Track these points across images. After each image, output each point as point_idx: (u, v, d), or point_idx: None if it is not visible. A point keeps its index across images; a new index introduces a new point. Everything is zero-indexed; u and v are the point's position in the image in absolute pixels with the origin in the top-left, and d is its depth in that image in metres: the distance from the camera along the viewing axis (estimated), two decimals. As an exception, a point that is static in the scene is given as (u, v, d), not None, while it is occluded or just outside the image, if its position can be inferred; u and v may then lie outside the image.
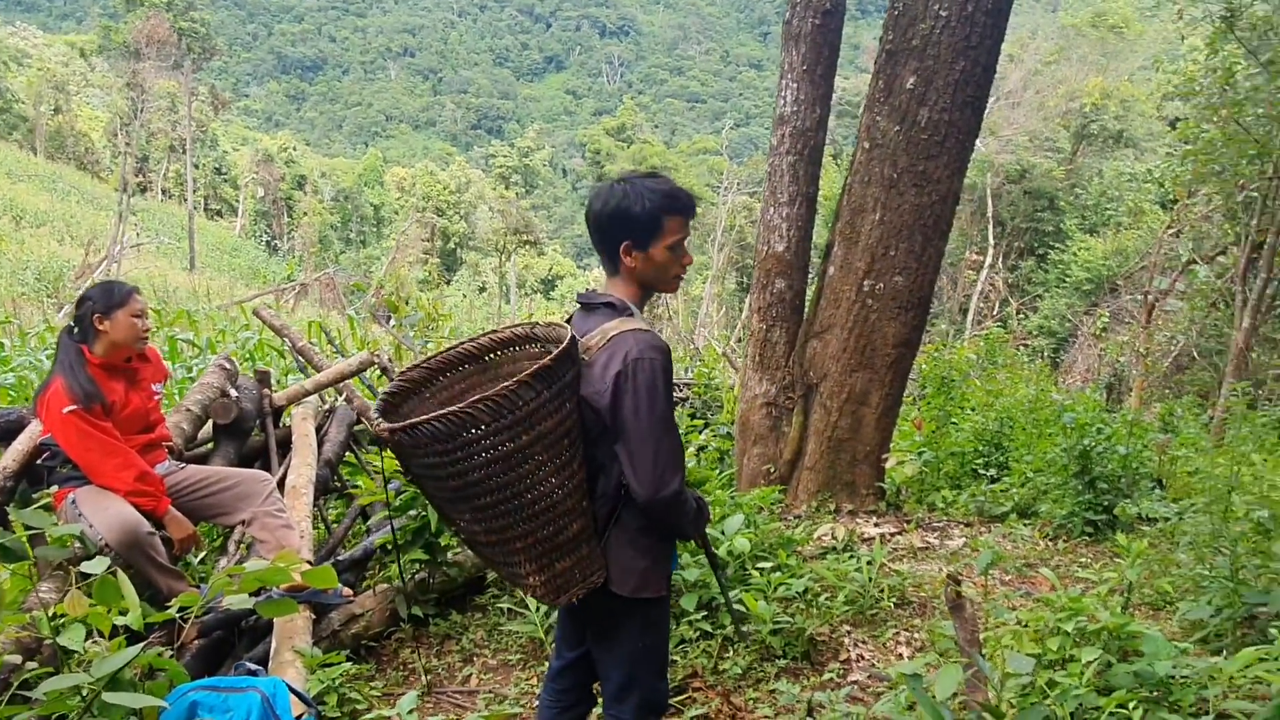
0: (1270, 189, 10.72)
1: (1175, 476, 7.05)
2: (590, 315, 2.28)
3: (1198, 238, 16.42)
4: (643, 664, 2.36)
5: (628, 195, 2.22)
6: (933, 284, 6.00)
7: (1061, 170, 26.90)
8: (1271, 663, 3.17)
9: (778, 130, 6.50)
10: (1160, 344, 16.20)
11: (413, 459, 2.08)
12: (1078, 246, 23.45)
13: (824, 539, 5.42)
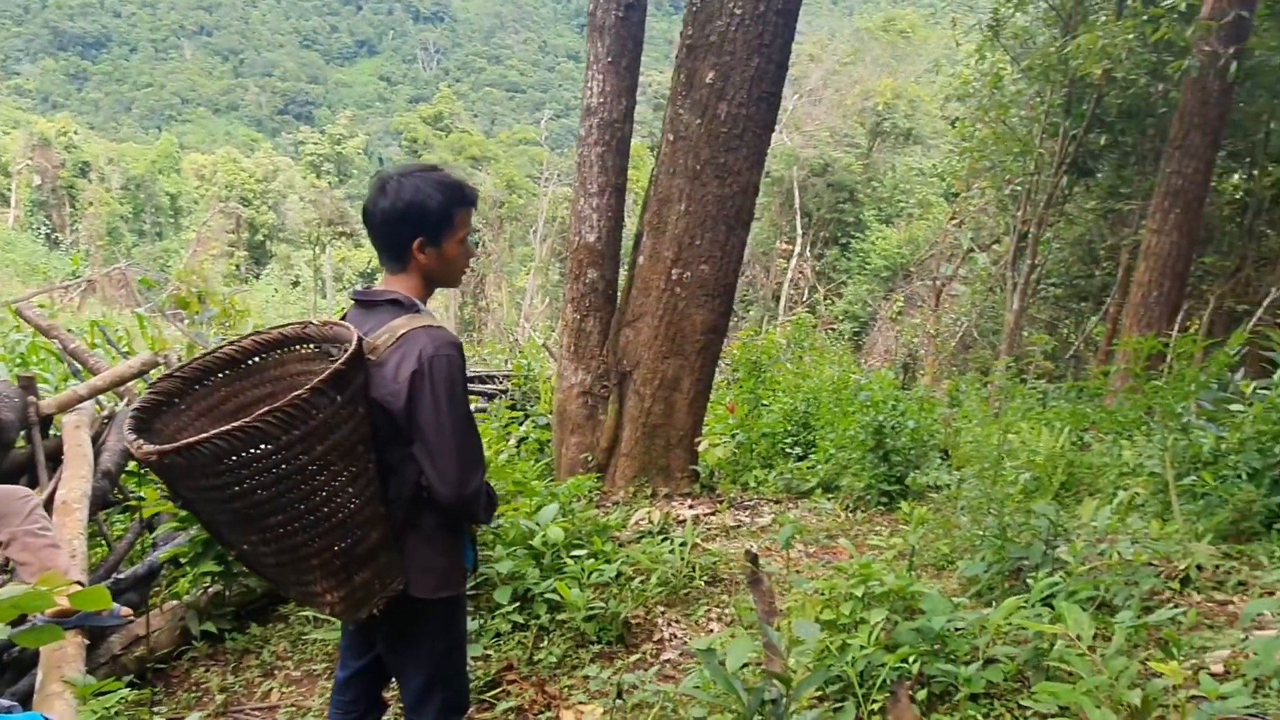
0: (1033, 184, 11.89)
1: (959, 447, 7.68)
2: (372, 313, 2.17)
3: (976, 228, 17.99)
4: (445, 664, 2.30)
5: (419, 190, 2.13)
6: (737, 272, 6.23)
7: (859, 164, 28.69)
8: (1029, 610, 3.52)
9: (586, 121, 6.53)
10: (948, 325, 17.64)
11: (185, 482, 1.88)
12: (876, 236, 25.13)
13: (640, 523, 5.52)
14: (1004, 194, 13.76)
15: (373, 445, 2.05)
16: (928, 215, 23.46)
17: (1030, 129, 11.92)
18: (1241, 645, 3.36)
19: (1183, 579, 4.14)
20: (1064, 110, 11.10)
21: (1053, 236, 13.53)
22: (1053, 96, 11.23)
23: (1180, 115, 9.29)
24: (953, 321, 17.89)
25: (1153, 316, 9.03)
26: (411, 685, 2.29)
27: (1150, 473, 5.55)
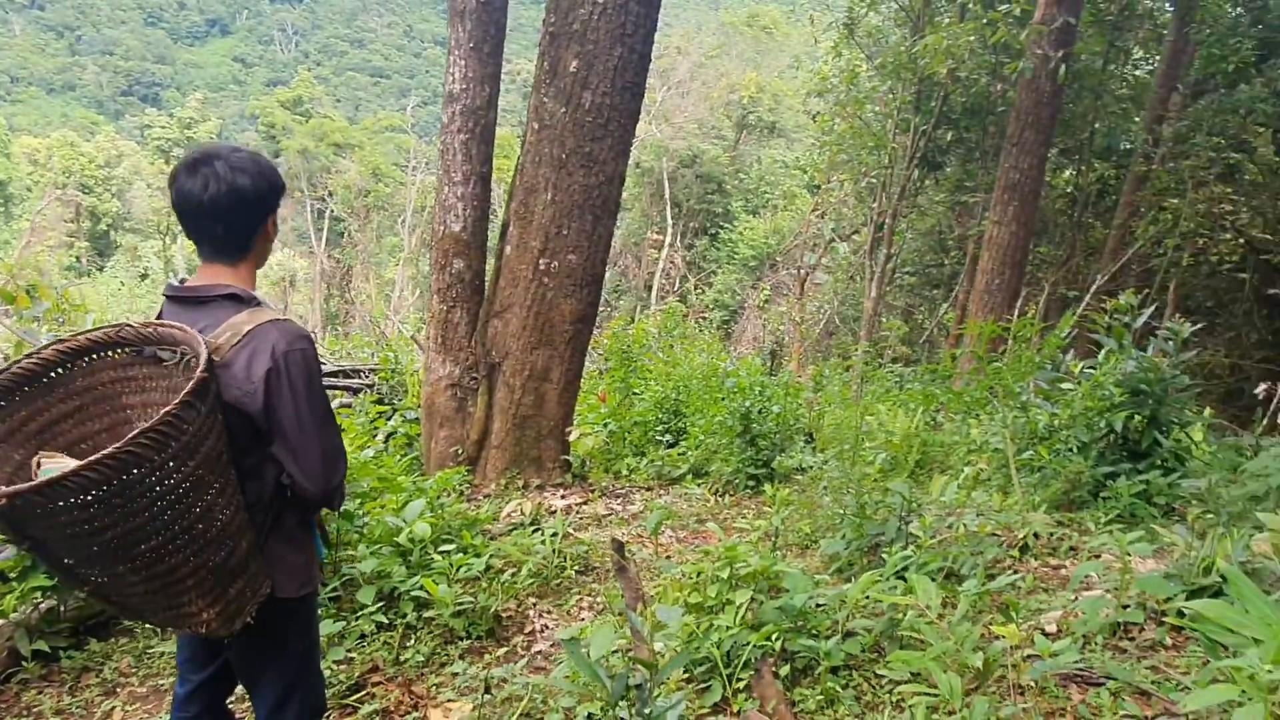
0: (887, 177, 12.45)
1: (822, 430, 7.96)
2: (202, 309, 2.01)
3: (837, 219, 18.69)
4: (306, 664, 2.23)
5: (259, 168, 2.01)
6: (605, 261, 6.25)
7: (727, 156, 29.30)
8: (884, 583, 3.69)
9: (448, 108, 6.38)
10: (812, 313, 18.27)
11: (39, 523, 1.66)
12: (743, 226, 25.74)
13: (512, 515, 5.47)
14: (861, 186, 14.36)
15: (230, 451, 1.93)
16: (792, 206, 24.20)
17: (884, 124, 12.48)
18: (1072, 605, 3.63)
19: (1022, 547, 4.44)
20: (914, 107, 11.66)
21: (906, 227, 14.22)
22: (904, 93, 11.78)
23: (1016, 114, 9.92)
24: (816, 309, 18.55)
25: (995, 302, 9.63)
26: (273, 690, 2.19)
27: (994, 449, 5.92)
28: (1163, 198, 10.25)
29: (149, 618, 2.01)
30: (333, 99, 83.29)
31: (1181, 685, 2.95)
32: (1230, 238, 10.08)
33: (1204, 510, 4.43)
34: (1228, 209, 9.67)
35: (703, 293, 26.83)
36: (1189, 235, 9.82)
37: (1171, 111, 10.77)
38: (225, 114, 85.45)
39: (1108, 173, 12.38)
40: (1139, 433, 5.20)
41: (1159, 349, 5.43)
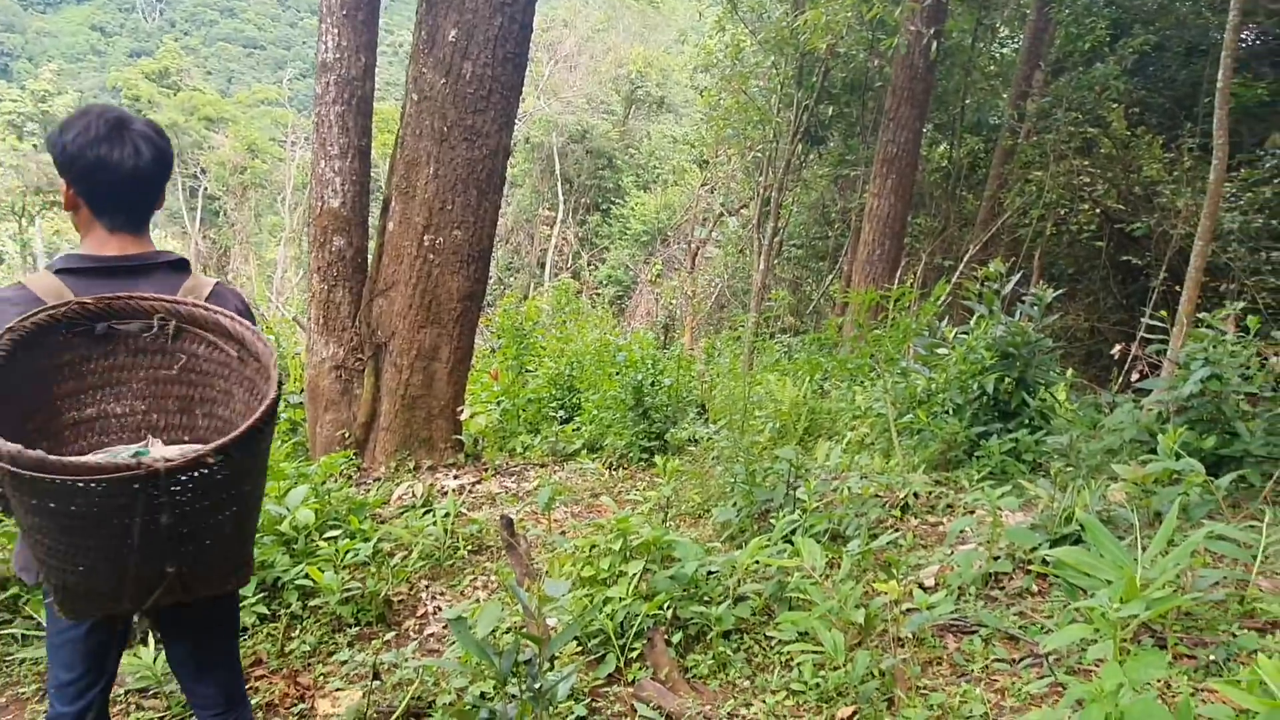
0: (772, 151, 12.65)
1: (714, 401, 8.09)
2: (146, 279, 1.90)
3: (726, 193, 18.92)
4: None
5: (161, 133, 1.96)
6: (492, 236, 6.13)
7: (616, 131, 29.20)
8: (772, 548, 3.79)
9: (322, 78, 6.11)
10: (703, 286, 18.47)
11: (208, 492, 1.60)
12: (635, 202, 25.77)
13: (403, 498, 5.35)
14: (748, 160, 14.56)
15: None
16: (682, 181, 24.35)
17: (768, 99, 12.66)
18: (948, 559, 3.81)
19: (903, 506, 4.63)
20: (796, 82, 11.87)
21: (792, 201, 14.51)
22: (786, 68, 11.97)
23: (893, 90, 10.23)
24: (708, 283, 18.77)
25: (876, 272, 9.96)
26: (232, 682, 2.15)
27: (877, 414, 6.14)
28: (1028, 170, 10.77)
29: (204, 587, 1.81)
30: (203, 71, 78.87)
31: (1046, 628, 3.14)
32: (1088, 208, 10.69)
33: (1066, 464, 4.72)
34: (1086, 181, 10.24)
35: (596, 269, 26.78)
36: (1051, 206, 10.37)
37: (1034, 88, 11.31)
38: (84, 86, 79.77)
39: (978, 147, 12.92)
40: (1009, 394, 5.48)
41: (1025, 314, 5.72)
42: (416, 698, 2.91)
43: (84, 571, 1.62)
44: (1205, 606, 3.11)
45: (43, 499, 1.49)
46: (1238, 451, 4.60)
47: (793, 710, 2.82)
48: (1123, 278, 10.72)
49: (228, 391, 1.89)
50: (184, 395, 1.88)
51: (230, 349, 1.85)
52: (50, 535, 1.56)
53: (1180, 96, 10.83)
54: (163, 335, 1.80)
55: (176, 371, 1.85)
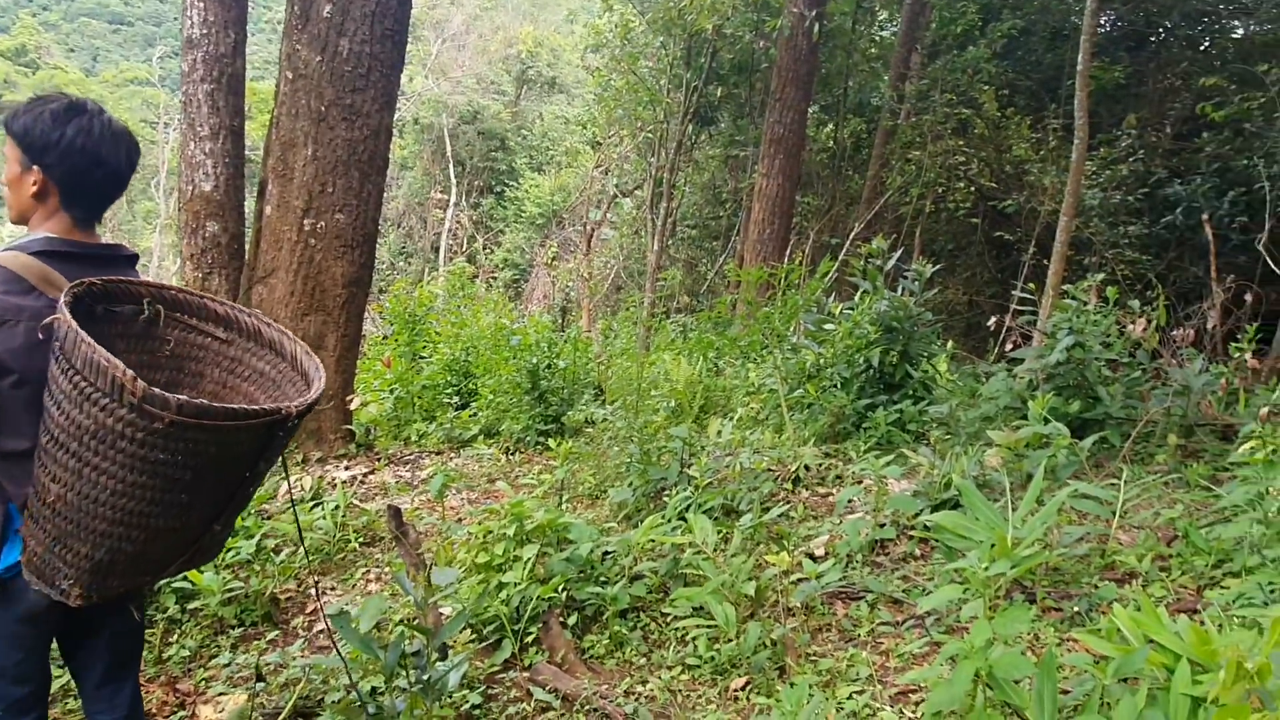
0: (664, 132, 12.70)
1: (610, 382, 8.10)
2: (113, 268, 1.92)
3: (620, 175, 18.90)
4: None
5: (132, 133, 2.01)
6: (376, 220, 5.96)
7: (508, 112, 28.74)
8: (666, 525, 3.82)
9: (189, 55, 5.80)
10: (599, 268, 18.45)
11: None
12: (529, 184, 25.45)
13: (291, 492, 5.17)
14: (640, 141, 14.56)
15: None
16: (575, 163, 24.19)
17: (658, 80, 12.68)
18: (836, 528, 3.93)
19: (794, 479, 4.75)
20: (685, 63, 11.93)
21: (685, 181, 14.61)
22: (674, 49, 12.01)
23: (778, 71, 10.40)
24: (603, 264, 18.75)
25: (766, 251, 10.14)
26: (138, 693, 2.12)
27: (769, 390, 6.27)
28: (908, 150, 11.14)
29: (213, 553, 2.00)
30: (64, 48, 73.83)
31: (927, 591, 3.27)
32: (964, 186, 11.14)
33: (946, 433, 4.93)
34: (961, 160, 10.66)
35: (492, 252, 26.39)
36: (930, 185, 10.76)
37: (912, 71, 11.69)
38: (-73, 63, 73.57)
39: (861, 128, 13.28)
40: (893, 366, 5.68)
41: (907, 289, 5.93)
42: (304, 697, 2.82)
43: (154, 532, 1.67)
44: (1070, 561, 3.30)
45: (175, 452, 1.57)
46: (1099, 414, 4.89)
47: (688, 684, 2.86)
48: (997, 253, 11.24)
49: (199, 374, 1.97)
50: (151, 380, 1.88)
51: (217, 332, 1.96)
52: (145, 496, 1.61)
53: (1046, 79, 11.38)
54: (150, 320, 1.88)
55: (160, 358, 1.92)
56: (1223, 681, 1.55)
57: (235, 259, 6.02)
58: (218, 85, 5.81)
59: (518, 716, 2.72)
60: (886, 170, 11.44)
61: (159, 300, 1.88)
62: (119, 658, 2.04)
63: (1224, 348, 6.75)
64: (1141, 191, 9.27)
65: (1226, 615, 2.63)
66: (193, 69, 5.81)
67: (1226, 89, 8.97)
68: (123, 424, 1.53)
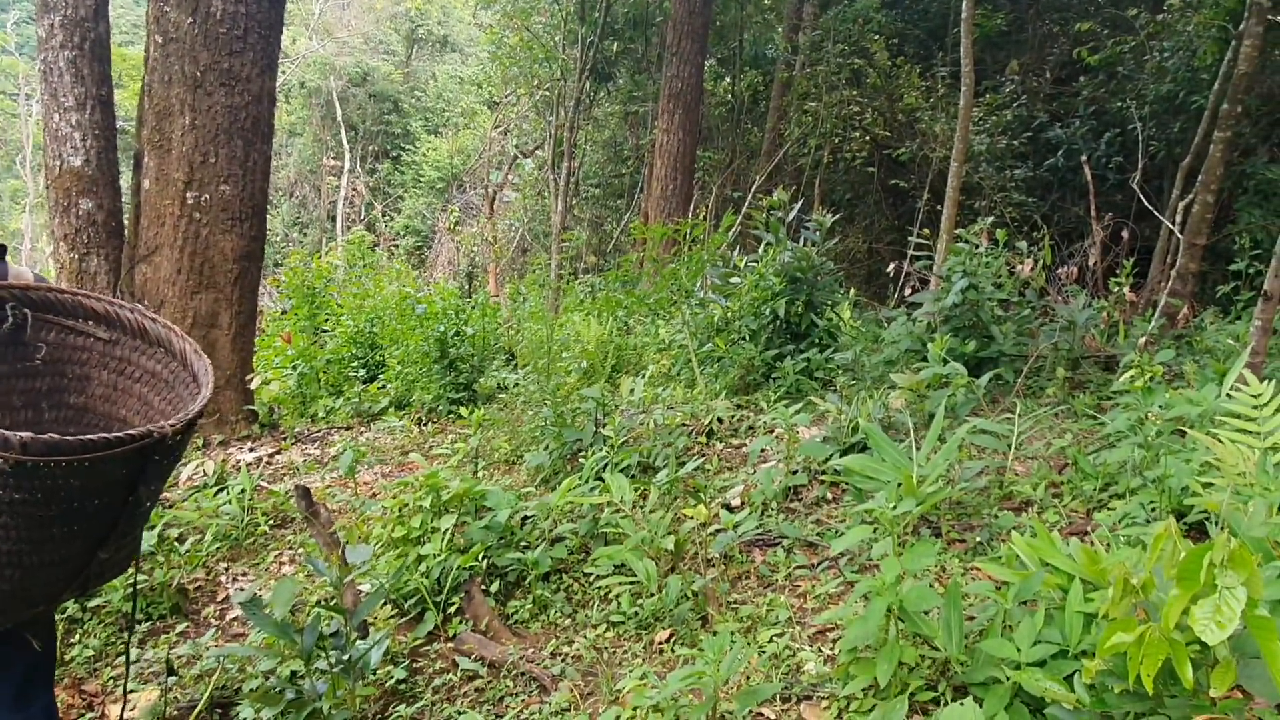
0: (561, 90, 12.51)
1: (521, 346, 8.03)
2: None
3: (519, 135, 18.55)
4: None
5: None
6: (265, 190, 5.70)
7: (400, 73, 27.79)
8: (584, 486, 3.84)
9: (45, 20, 5.39)
10: (504, 231, 18.16)
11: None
12: (426, 147, 24.74)
13: (193, 478, 4.97)
14: (538, 100, 14.31)
15: None
16: (473, 124, 23.62)
17: (552, 36, 12.45)
18: (751, 478, 4.01)
19: (708, 432, 4.81)
20: (579, 18, 11.73)
21: (585, 140, 14.45)
22: (568, 4, 11.79)
23: (673, 24, 10.33)
24: (508, 227, 18.47)
25: (670, 207, 10.15)
26: (52, 705, 2.06)
27: (679, 345, 6.32)
28: (804, 102, 11.26)
29: (112, 574, 1.84)
30: (-104, 12, 67.67)
31: (840, 533, 3.39)
32: (859, 136, 11.36)
33: (851, 378, 5.07)
34: (856, 110, 10.85)
35: (391, 219, 25.66)
36: (827, 135, 10.93)
37: (805, 21, 11.79)
38: None
39: (758, 80, 13.34)
40: (798, 316, 5.79)
41: (809, 240, 6.03)
42: (220, 687, 2.74)
43: (29, 569, 1.53)
44: (971, 494, 3.46)
45: (31, 491, 1.41)
46: (994, 353, 5.11)
47: (613, 641, 2.89)
48: (893, 200, 11.53)
49: (84, 377, 1.82)
50: (30, 389, 1.76)
51: (98, 331, 1.80)
52: (8, 536, 1.46)
53: (933, 28, 11.64)
54: (15, 326, 1.70)
55: (33, 364, 1.75)
56: (1111, 598, 1.65)
57: (114, 237, 5.68)
58: (80, 52, 5.42)
59: (445, 688, 2.71)
60: (784, 122, 11.55)
61: (25, 303, 1.72)
62: (31, 670, 1.94)
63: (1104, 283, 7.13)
64: (1025, 136, 9.63)
65: (1114, 535, 2.80)
66: (50, 35, 5.40)
67: (1100, 34, 9.35)
68: None
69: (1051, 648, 1.91)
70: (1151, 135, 8.33)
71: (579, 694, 2.56)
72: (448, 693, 2.70)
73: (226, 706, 2.68)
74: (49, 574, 1.59)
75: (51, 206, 5.77)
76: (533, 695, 2.63)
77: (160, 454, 1.58)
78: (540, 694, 2.63)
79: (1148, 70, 8.72)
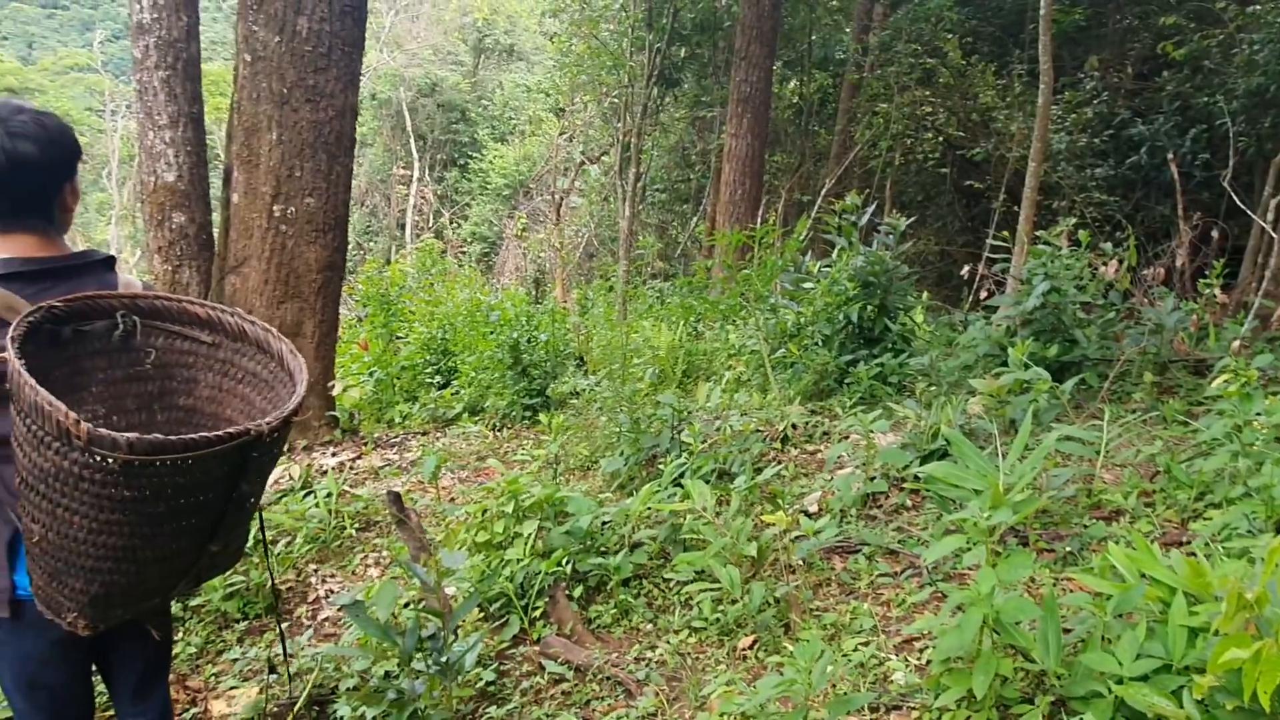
0: (628, 96, 12.58)
1: (591, 352, 8.11)
2: (82, 278, 1.81)
3: (586, 141, 18.72)
4: None
5: (62, 127, 1.83)
6: (347, 202, 5.88)
7: (467, 83, 28.30)
8: (663, 492, 3.86)
9: (140, 41, 5.65)
10: (570, 237, 18.34)
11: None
12: (493, 155, 25.14)
13: (280, 482, 5.15)
14: (605, 106, 14.43)
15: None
16: (539, 131, 23.92)
17: (620, 43, 12.54)
18: (828, 485, 3.99)
19: (782, 438, 4.79)
20: (647, 24, 11.79)
21: (652, 145, 14.52)
22: (635, 10, 11.86)
23: (742, 28, 10.31)
24: (574, 233, 18.65)
25: (739, 212, 10.13)
26: (169, 699, 2.11)
27: (751, 351, 6.30)
28: (874, 103, 11.13)
29: (223, 566, 1.94)
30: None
31: (922, 540, 3.34)
32: (931, 136, 11.17)
33: (928, 384, 4.99)
34: (928, 110, 10.69)
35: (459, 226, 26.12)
36: (898, 137, 10.78)
37: (875, 22, 11.65)
38: None
39: (826, 82, 13.23)
40: (872, 321, 5.73)
41: (881, 243, 5.96)
42: (318, 686, 2.84)
43: (144, 562, 1.61)
44: (1059, 503, 3.38)
45: (140, 489, 1.49)
46: (1077, 357, 4.98)
47: (696, 647, 2.91)
48: (967, 201, 11.31)
49: (191, 379, 1.90)
50: (143, 392, 1.84)
51: (201, 335, 1.88)
52: (122, 531, 1.54)
53: (1008, 25, 11.38)
54: (126, 333, 1.77)
55: (144, 368, 1.84)
56: (1224, 612, 1.61)
57: (205, 249, 5.93)
58: (173, 72, 5.67)
59: (532, 690, 2.76)
60: (854, 124, 11.44)
61: (134, 310, 1.79)
62: (150, 665, 2.04)
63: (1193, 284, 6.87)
64: (1106, 133, 9.35)
65: (1213, 546, 2.71)
66: (146, 56, 5.66)
67: (1185, 27, 9.03)
68: (78, 466, 1.46)
69: (1154, 662, 1.87)
70: (1241, 131, 8.01)
71: (665, 699, 2.58)
72: (535, 695, 2.75)
73: (324, 704, 2.77)
74: (162, 568, 1.67)
75: (146, 220, 6.04)
76: (619, 699, 2.67)
77: (258, 451, 1.64)
78: (626, 698, 2.66)
79: (1236, 64, 8.39)
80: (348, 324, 10.86)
